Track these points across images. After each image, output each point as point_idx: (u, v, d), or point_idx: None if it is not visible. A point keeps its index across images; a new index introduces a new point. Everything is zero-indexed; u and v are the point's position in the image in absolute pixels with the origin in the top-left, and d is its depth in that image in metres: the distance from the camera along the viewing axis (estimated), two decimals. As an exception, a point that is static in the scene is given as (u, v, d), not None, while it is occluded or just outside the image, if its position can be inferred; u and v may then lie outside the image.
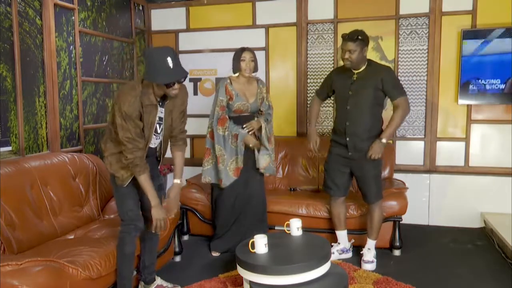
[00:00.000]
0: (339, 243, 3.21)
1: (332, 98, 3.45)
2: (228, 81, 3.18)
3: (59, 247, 2.39)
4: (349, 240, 3.24)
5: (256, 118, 3.24)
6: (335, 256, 3.15)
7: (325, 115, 4.26)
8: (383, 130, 2.97)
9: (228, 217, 3.26)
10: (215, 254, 3.30)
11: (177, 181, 2.53)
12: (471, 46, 3.78)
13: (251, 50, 3.18)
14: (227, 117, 3.15)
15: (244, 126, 3.15)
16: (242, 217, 3.26)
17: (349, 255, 3.22)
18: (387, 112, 3.58)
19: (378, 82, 2.89)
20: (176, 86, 2.22)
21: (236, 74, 3.21)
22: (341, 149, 3.03)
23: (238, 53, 3.16)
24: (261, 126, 3.21)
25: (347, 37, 2.86)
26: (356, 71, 2.96)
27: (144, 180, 2.32)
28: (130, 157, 2.27)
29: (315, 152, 3.24)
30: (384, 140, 2.89)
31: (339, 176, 3.07)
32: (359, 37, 2.85)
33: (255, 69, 3.21)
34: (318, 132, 4.21)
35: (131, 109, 2.23)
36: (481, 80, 3.78)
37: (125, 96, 2.25)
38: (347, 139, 2.96)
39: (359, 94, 2.92)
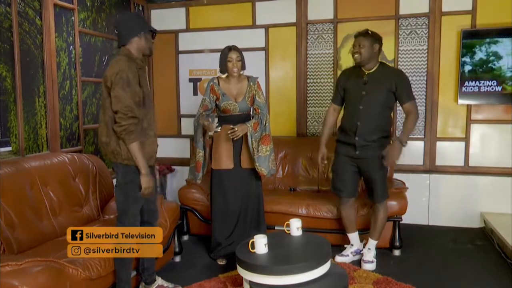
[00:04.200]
0: (352, 245, 3.18)
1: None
2: (215, 80, 3.15)
3: (59, 247, 2.39)
4: (361, 241, 3.19)
5: (250, 120, 3.10)
6: (349, 258, 3.13)
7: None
8: (391, 133, 2.95)
9: (227, 222, 3.17)
10: (222, 262, 3.18)
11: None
12: (471, 46, 3.78)
13: (237, 49, 3.10)
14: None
15: (229, 132, 3.02)
16: (241, 221, 3.19)
17: (360, 256, 3.16)
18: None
19: (392, 85, 2.87)
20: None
21: (225, 74, 3.16)
22: (348, 149, 2.99)
23: (225, 53, 3.09)
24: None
25: (358, 33, 2.92)
26: (367, 71, 2.93)
27: (138, 149, 2.24)
28: (125, 123, 2.20)
29: (321, 165, 3.15)
30: (405, 143, 2.84)
31: (348, 176, 3.03)
32: (369, 32, 2.90)
33: (243, 67, 3.14)
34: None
35: (131, 73, 2.23)
36: (481, 80, 3.78)
37: (120, 64, 2.24)
38: (356, 138, 2.92)
39: (372, 94, 2.90)
